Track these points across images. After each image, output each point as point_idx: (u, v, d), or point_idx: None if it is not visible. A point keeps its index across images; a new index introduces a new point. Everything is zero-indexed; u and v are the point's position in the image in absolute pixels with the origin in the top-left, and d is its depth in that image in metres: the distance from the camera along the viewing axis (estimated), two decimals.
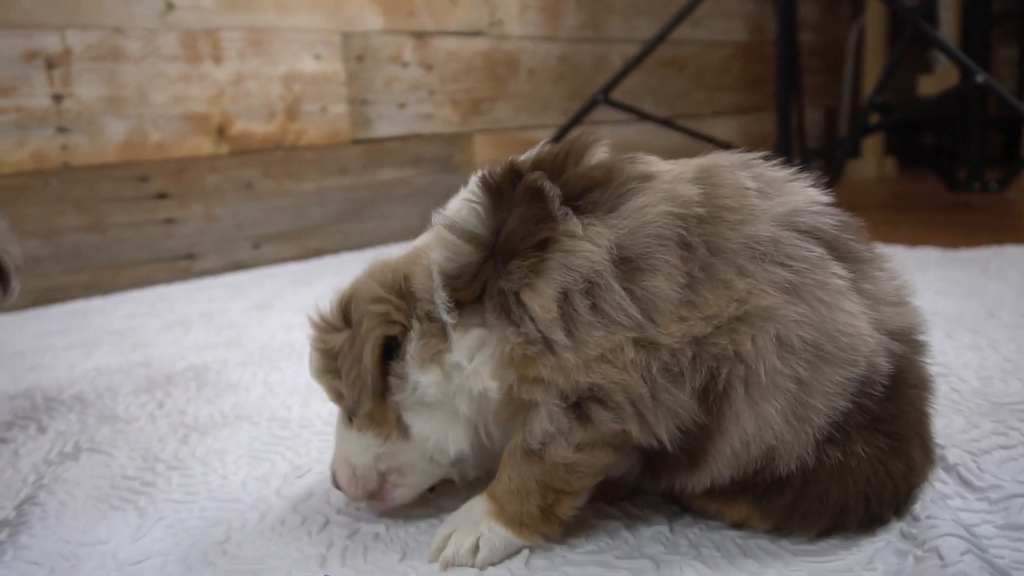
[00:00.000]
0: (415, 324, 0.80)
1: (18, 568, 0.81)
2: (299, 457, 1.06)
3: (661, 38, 2.59)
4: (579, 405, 0.75)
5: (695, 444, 0.76)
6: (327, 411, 1.21)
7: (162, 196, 2.22)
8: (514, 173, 0.79)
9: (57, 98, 2.03)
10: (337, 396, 0.86)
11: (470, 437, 0.83)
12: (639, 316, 0.72)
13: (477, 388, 0.78)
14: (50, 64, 2.01)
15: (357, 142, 2.57)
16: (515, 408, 0.79)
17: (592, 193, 0.76)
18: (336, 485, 0.87)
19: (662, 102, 3.33)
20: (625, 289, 0.72)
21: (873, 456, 0.76)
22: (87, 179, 2.10)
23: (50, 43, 2.01)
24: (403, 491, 0.87)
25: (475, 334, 0.77)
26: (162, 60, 2.18)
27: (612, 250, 0.73)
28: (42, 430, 1.21)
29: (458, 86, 2.79)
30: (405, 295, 0.81)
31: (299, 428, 1.16)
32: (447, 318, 0.77)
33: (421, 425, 0.82)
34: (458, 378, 0.78)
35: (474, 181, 0.81)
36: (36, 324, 1.90)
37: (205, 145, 2.28)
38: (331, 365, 0.84)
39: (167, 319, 1.86)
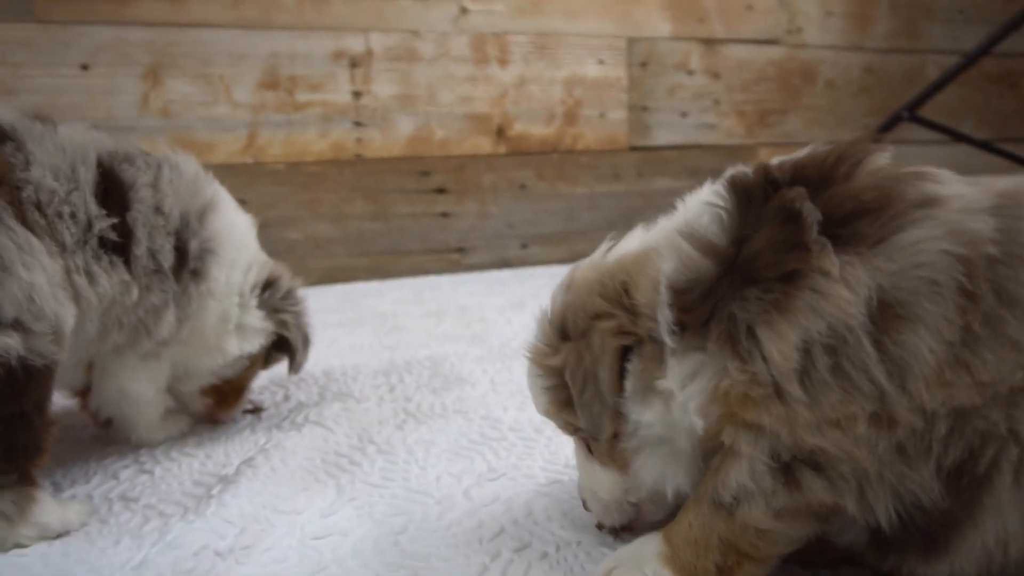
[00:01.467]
0: (635, 351, 0.72)
1: (212, 523, 0.87)
2: (498, 459, 1.05)
3: (986, 49, 2.29)
4: (790, 467, 0.65)
5: (934, 529, 0.64)
6: (539, 417, 1.19)
7: (441, 191, 2.34)
8: (769, 181, 0.68)
9: (357, 95, 2.21)
10: (572, 429, 0.81)
11: (692, 476, 0.74)
12: (884, 382, 0.61)
13: (687, 423, 0.70)
14: (353, 63, 2.20)
15: (634, 149, 2.54)
16: (711, 449, 0.71)
17: (859, 221, 0.64)
18: (587, 508, 0.85)
19: (986, 122, 2.95)
20: (876, 343, 0.61)
21: None
22: (376, 171, 2.26)
23: (355, 44, 2.19)
24: (657, 515, 0.82)
25: (692, 361, 0.68)
26: (452, 62, 2.30)
27: (870, 299, 0.61)
28: (286, 398, 1.31)
29: (746, 96, 2.66)
30: (628, 308, 0.73)
31: (508, 430, 1.15)
32: (668, 340, 0.68)
33: (641, 463, 0.75)
34: (675, 409, 0.71)
35: (721, 182, 0.71)
36: (318, 300, 2.07)
37: (485, 144, 2.37)
38: (558, 397, 0.80)
39: (427, 308, 1.95)
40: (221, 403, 1.18)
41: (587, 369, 0.74)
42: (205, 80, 2.06)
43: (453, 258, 2.39)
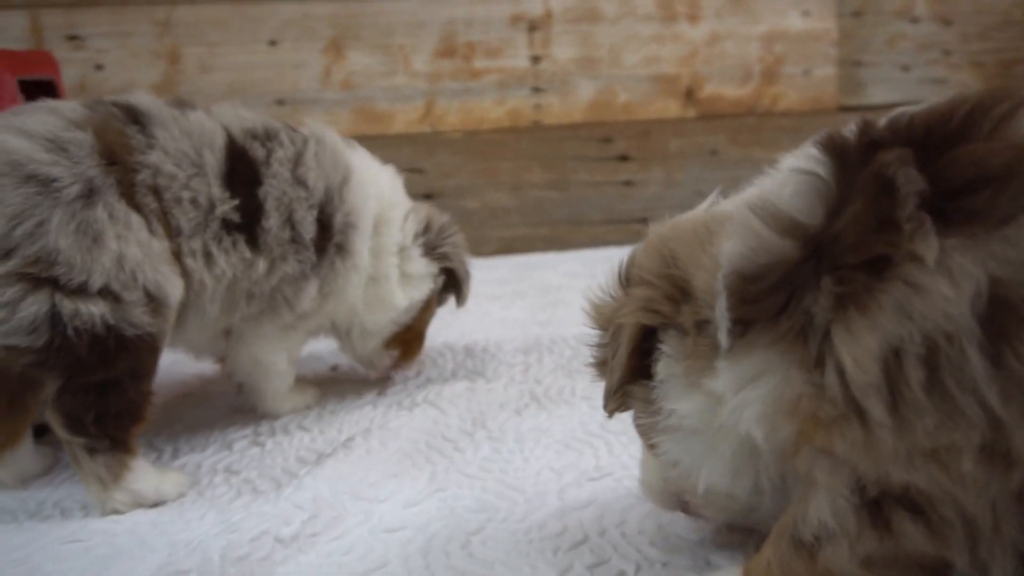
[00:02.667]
0: (671, 334, 0.63)
1: (282, 507, 0.85)
2: (608, 457, 0.96)
3: None
4: (879, 505, 0.52)
5: None
6: None
7: (624, 158, 2.23)
8: (871, 141, 0.54)
9: (535, 59, 2.14)
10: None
11: (740, 481, 0.64)
12: (999, 407, 0.46)
13: (741, 429, 0.59)
14: (532, 27, 2.12)
15: (844, 109, 2.28)
16: (790, 472, 0.59)
17: (979, 192, 0.49)
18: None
19: None
20: (988, 355, 0.46)
21: None
22: (555, 138, 2.19)
23: (534, 7, 2.12)
24: (712, 514, 0.72)
25: (755, 361, 0.56)
26: (637, 21, 2.17)
27: (979, 296, 0.46)
28: (418, 373, 1.28)
29: (985, 45, 2.31)
30: (677, 285, 0.62)
31: (629, 425, 1.04)
32: (722, 338, 0.57)
33: (669, 446, 0.65)
34: (724, 411, 0.60)
35: (814, 142, 0.58)
36: (492, 271, 2.04)
37: (672, 108, 2.22)
38: (600, 356, 0.72)
39: (595, 281, 1.86)
40: (405, 352, 1.22)
41: (615, 332, 0.65)
42: (385, 51, 2.08)
43: (636, 229, 2.27)
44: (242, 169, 0.99)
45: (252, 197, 1.00)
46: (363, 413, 1.13)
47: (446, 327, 1.49)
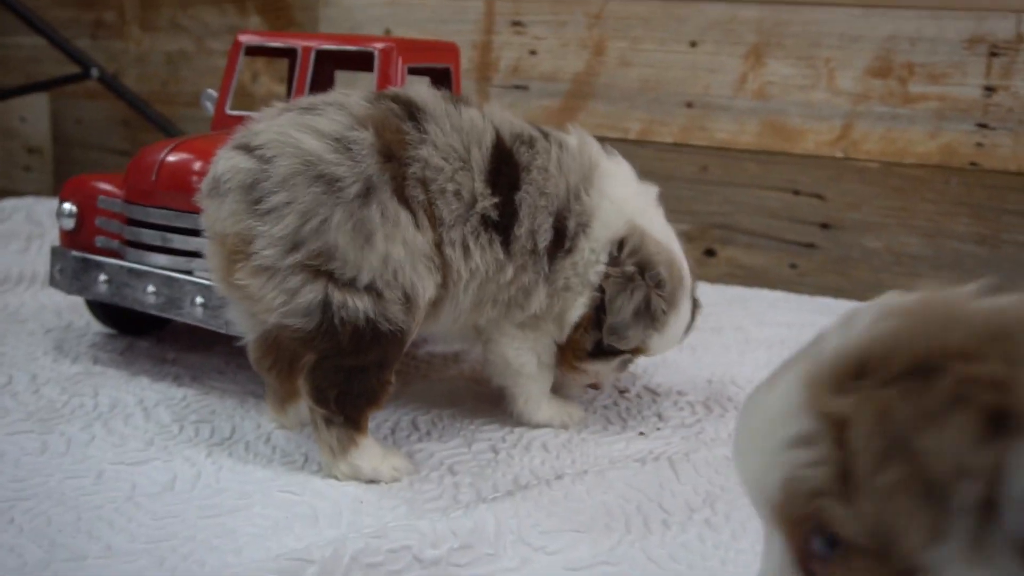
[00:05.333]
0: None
1: (438, 527, 0.84)
2: None
3: None
4: None
5: None
6: None
7: None
8: None
9: (989, 90, 1.81)
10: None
11: None
12: None
13: None
14: (993, 52, 1.79)
15: None
16: None
17: None
18: None
19: None
20: None
21: None
22: (996, 184, 1.84)
23: (1002, 28, 1.78)
24: None
25: None
26: None
27: None
28: (697, 421, 1.19)
29: None
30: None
31: None
32: None
33: None
34: None
35: None
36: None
37: None
38: (814, 474, 0.56)
39: None
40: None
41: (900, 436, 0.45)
42: (808, 63, 1.91)
43: None
44: (506, 170, 1.02)
45: (510, 200, 1.02)
46: (602, 450, 1.09)
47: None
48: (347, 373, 0.96)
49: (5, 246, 1.81)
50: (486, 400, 1.22)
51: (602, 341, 1.08)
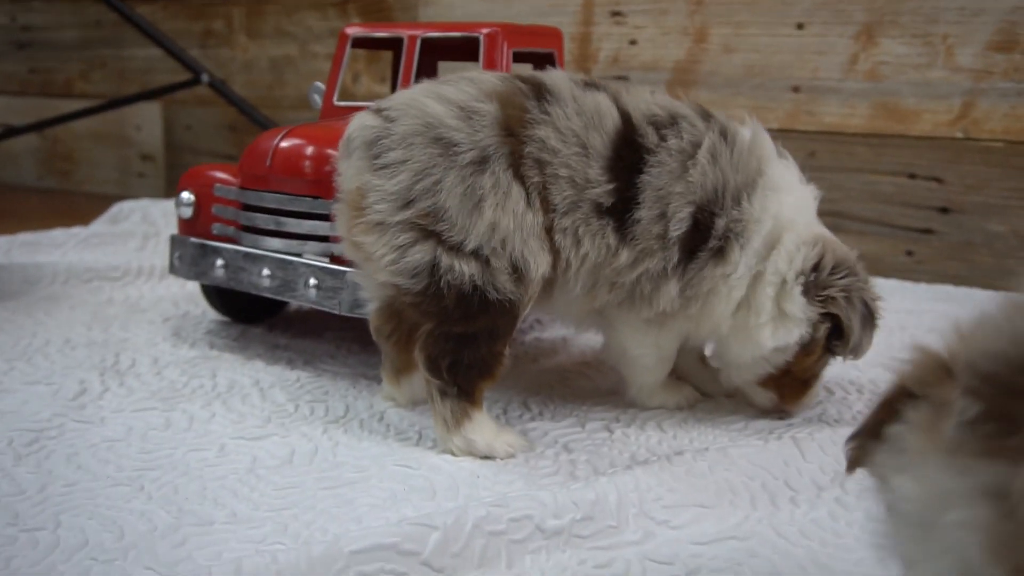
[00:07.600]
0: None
1: (560, 498, 0.82)
2: None
3: None
4: None
5: None
6: None
7: None
8: None
9: None
10: None
11: None
12: None
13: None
14: None
15: None
16: None
17: None
18: None
19: None
20: None
21: None
22: None
23: None
24: None
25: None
26: None
27: None
28: (818, 404, 1.14)
29: None
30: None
31: None
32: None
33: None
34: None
35: None
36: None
37: None
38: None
39: None
40: (784, 397, 1.08)
41: None
42: (924, 40, 1.83)
43: None
44: (627, 155, 0.98)
45: (630, 185, 0.98)
46: (719, 429, 1.05)
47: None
48: (457, 341, 0.95)
49: (124, 244, 1.88)
50: (598, 383, 1.20)
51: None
